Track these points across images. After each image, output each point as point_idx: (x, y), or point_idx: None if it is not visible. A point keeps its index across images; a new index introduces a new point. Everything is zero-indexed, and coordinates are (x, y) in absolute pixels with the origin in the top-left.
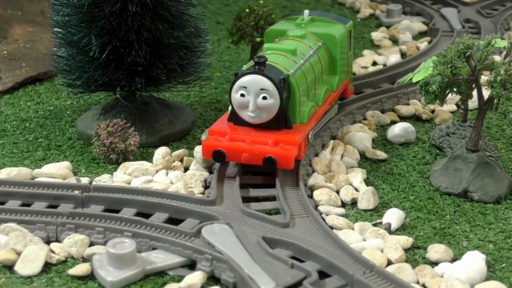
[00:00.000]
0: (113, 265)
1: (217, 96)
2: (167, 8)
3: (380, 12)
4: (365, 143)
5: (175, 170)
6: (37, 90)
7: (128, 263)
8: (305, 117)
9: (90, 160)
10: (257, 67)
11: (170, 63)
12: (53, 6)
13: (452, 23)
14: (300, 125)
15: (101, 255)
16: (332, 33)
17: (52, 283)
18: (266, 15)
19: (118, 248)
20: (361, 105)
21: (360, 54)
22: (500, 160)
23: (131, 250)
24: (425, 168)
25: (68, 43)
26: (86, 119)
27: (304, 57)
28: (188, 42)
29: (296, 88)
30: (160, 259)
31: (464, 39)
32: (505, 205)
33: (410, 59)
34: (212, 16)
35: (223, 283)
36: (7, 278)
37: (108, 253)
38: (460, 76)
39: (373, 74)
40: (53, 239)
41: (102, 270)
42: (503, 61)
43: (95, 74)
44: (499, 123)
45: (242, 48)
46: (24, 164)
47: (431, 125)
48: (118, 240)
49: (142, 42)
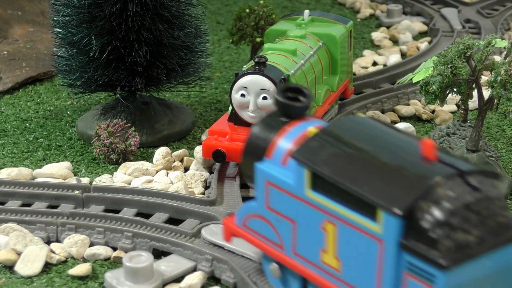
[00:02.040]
0: (132, 279)
1: (217, 96)
2: (167, 8)
3: (380, 12)
4: None
5: (175, 170)
6: (37, 90)
7: (146, 277)
8: None
9: (90, 160)
10: (257, 67)
11: (170, 63)
12: (53, 6)
13: (452, 23)
14: None
15: (113, 272)
16: (332, 33)
17: (52, 283)
18: (266, 15)
19: (135, 262)
20: (361, 105)
21: (360, 54)
22: (500, 160)
23: (148, 263)
24: None
25: (68, 43)
26: (86, 119)
27: (304, 57)
28: (188, 42)
29: None
30: (171, 267)
31: (464, 39)
32: None
33: (410, 59)
34: (212, 16)
35: (223, 283)
36: (7, 278)
37: (125, 267)
38: (460, 76)
39: (373, 74)
40: (53, 239)
41: (123, 286)
42: (503, 61)
43: (95, 74)
44: (499, 123)
45: (242, 48)
46: (24, 164)
47: (431, 125)
48: (135, 254)
49: (142, 42)
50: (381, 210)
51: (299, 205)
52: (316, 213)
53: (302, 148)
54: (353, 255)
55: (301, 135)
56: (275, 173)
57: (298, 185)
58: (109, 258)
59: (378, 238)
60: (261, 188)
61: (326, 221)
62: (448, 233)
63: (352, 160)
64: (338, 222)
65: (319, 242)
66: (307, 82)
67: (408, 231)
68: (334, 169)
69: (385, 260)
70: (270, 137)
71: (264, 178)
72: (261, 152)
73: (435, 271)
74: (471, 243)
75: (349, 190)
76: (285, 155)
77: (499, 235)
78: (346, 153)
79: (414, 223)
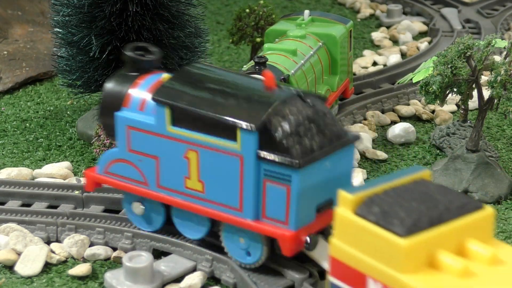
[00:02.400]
0: (132, 279)
1: None
2: (167, 8)
3: (380, 12)
4: (365, 143)
5: None
6: (37, 90)
7: (146, 277)
8: None
9: (91, 160)
10: (257, 67)
11: (170, 63)
12: (53, 6)
13: (452, 23)
14: None
15: (113, 272)
16: (332, 33)
17: (52, 283)
18: (266, 15)
19: (135, 262)
20: (361, 105)
21: (360, 54)
22: (500, 160)
23: (148, 263)
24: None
25: (69, 43)
26: (87, 119)
27: (304, 57)
28: (188, 42)
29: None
30: (171, 267)
31: (464, 39)
32: (505, 205)
33: (410, 59)
34: (212, 16)
35: (223, 283)
36: (7, 278)
37: (125, 267)
38: (460, 76)
39: (373, 74)
40: (54, 239)
41: (123, 286)
42: (503, 61)
43: (95, 74)
44: (499, 123)
45: (242, 48)
46: (24, 164)
47: (431, 125)
48: (134, 254)
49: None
50: (239, 129)
51: (161, 141)
52: (178, 145)
53: (160, 91)
54: (216, 175)
55: (155, 83)
56: (135, 117)
57: (159, 124)
58: (109, 258)
59: (238, 154)
60: (122, 134)
61: (188, 150)
62: (296, 141)
63: (208, 93)
64: (200, 148)
65: (182, 171)
66: (307, 82)
67: (263, 144)
68: (193, 102)
69: (246, 172)
70: (124, 90)
71: (124, 124)
72: (118, 105)
73: (290, 172)
74: (315, 148)
75: (209, 117)
76: (141, 102)
77: (333, 142)
78: (201, 88)
79: (268, 136)
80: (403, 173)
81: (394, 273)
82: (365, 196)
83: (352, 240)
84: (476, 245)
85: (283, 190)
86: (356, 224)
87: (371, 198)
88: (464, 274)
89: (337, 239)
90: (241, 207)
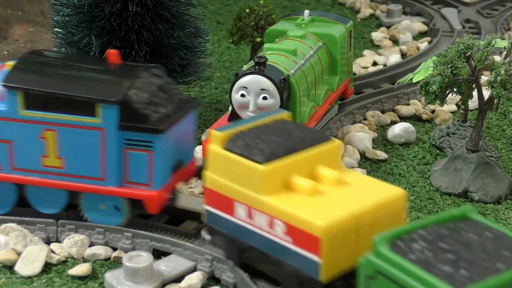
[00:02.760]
0: (131, 279)
1: (217, 96)
2: (167, 9)
3: (380, 12)
4: (365, 143)
5: None
6: None
7: (146, 277)
8: (305, 117)
9: None
10: (257, 67)
11: (170, 63)
12: (53, 6)
13: (452, 23)
14: None
15: (113, 272)
16: (332, 33)
17: (52, 283)
18: (266, 15)
19: (135, 262)
20: (361, 105)
21: (360, 54)
22: (500, 160)
23: (148, 263)
24: (425, 168)
25: (69, 43)
26: None
27: (304, 57)
28: (188, 42)
29: (297, 88)
30: (171, 267)
31: (464, 39)
32: (505, 205)
33: (410, 59)
34: (212, 16)
35: (223, 283)
36: (7, 278)
37: (125, 267)
38: (460, 76)
39: (373, 74)
40: (53, 239)
41: (123, 286)
42: (503, 61)
43: None
44: (499, 123)
45: (242, 48)
46: None
47: (431, 125)
48: (134, 254)
49: (142, 42)
50: (99, 104)
51: (14, 126)
52: (33, 127)
53: (9, 77)
54: (75, 150)
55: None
56: None
57: (12, 109)
58: (109, 258)
59: (98, 127)
60: None
61: (44, 130)
62: (154, 110)
63: (59, 75)
64: (58, 127)
65: (39, 151)
66: (307, 82)
67: (124, 115)
68: (47, 85)
69: (107, 143)
70: None
71: None
72: None
73: (152, 137)
74: (169, 114)
75: (65, 97)
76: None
77: (182, 107)
78: (52, 71)
79: (128, 108)
80: (266, 114)
81: (255, 195)
82: (232, 134)
83: (222, 171)
84: (325, 170)
85: (144, 156)
86: (224, 156)
87: (237, 135)
88: (313, 193)
89: (209, 172)
90: (104, 177)
